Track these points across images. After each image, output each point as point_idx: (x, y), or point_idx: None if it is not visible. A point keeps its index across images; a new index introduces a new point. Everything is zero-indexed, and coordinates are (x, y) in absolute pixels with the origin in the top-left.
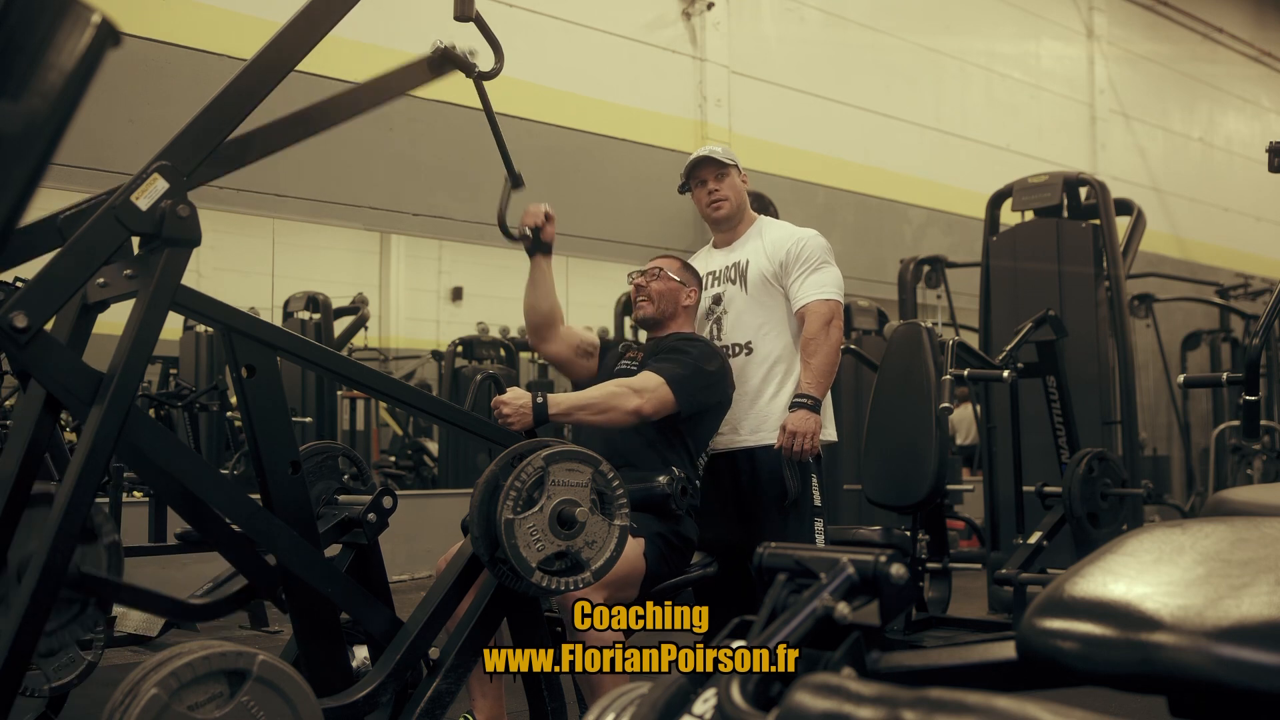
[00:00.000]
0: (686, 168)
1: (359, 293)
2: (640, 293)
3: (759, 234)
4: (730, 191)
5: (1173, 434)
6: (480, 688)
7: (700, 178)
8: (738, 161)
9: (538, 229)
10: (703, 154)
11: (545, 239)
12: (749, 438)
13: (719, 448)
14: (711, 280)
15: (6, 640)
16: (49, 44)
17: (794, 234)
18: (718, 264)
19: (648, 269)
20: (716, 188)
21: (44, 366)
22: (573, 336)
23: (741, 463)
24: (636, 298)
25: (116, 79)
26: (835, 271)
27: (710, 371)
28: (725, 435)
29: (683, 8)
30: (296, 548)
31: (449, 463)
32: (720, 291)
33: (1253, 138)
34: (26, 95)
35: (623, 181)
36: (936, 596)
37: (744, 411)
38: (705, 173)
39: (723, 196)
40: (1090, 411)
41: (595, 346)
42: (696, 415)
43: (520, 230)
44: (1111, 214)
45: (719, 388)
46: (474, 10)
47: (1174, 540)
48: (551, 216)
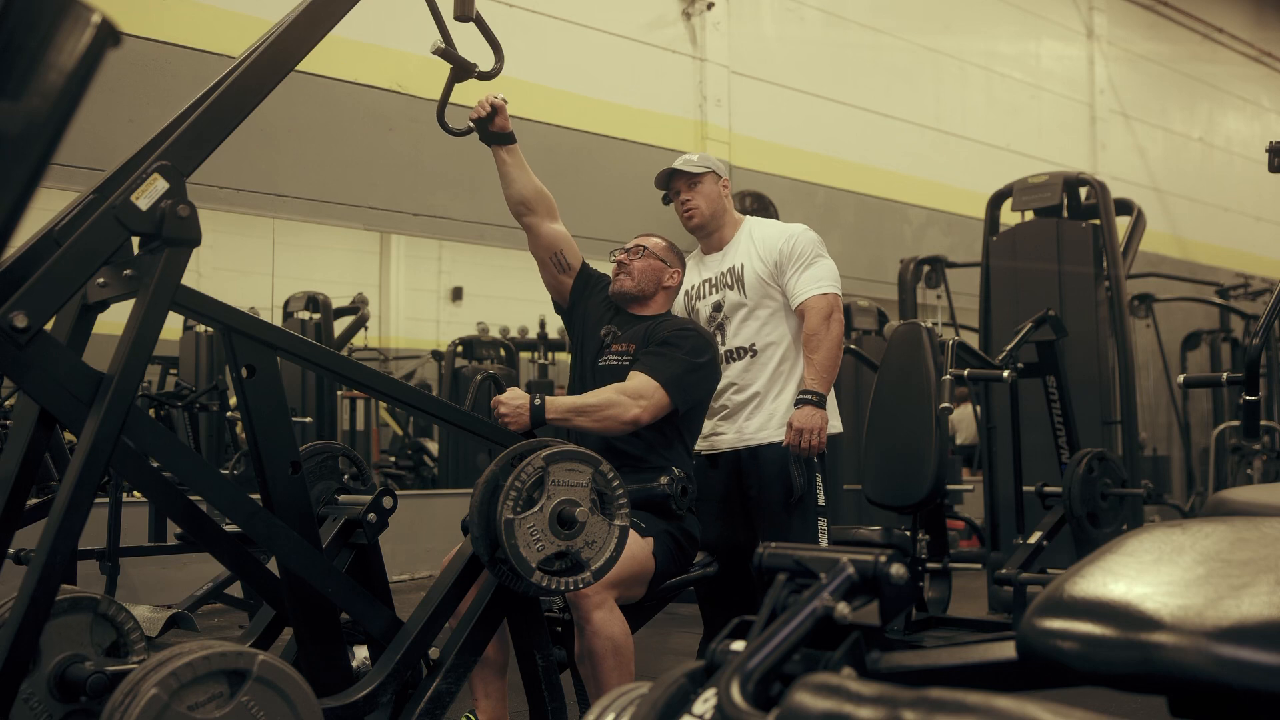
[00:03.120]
0: (658, 183)
1: (359, 293)
2: (622, 269)
3: (748, 236)
4: (702, 200)
5: (1173, 434)
6: (483, 688)
7: (674, 189)
8: (715, 167)
9: (484, 119)
10: (669, 168)
11: (496, 129)
12: (755, 436)
13: (724, 447)
14: (709, 288)
15: (6, 641)
16: (49, 44)
17: (783, 232)
18: (712, 271)
19: (630, 246)
20: (688, 198)
21: (43, 367)
22: (556, 240)
23: (746, 461)
24: (617, 273)
25: (116, 79)
26: (829, 264)
27: (702, 364)
28: (728, 435)
29: (683, 8)
30: (296, 548)
31: (449, 463)
32: (719, 299)
33: (1253, 138)
34: (26, 95)
35: (623, 181)
36: (936, 596)
37: (751, 411)
38: (677, 184)
39: (694, 206)
40: (1090, 411)
41: (574, 266)
42: (693, 407)
43: (465, 125)
44: (1111, 214)
45: (712, 378)
46: (474, 10)
47: (1174, 540)
48: (499, 106)
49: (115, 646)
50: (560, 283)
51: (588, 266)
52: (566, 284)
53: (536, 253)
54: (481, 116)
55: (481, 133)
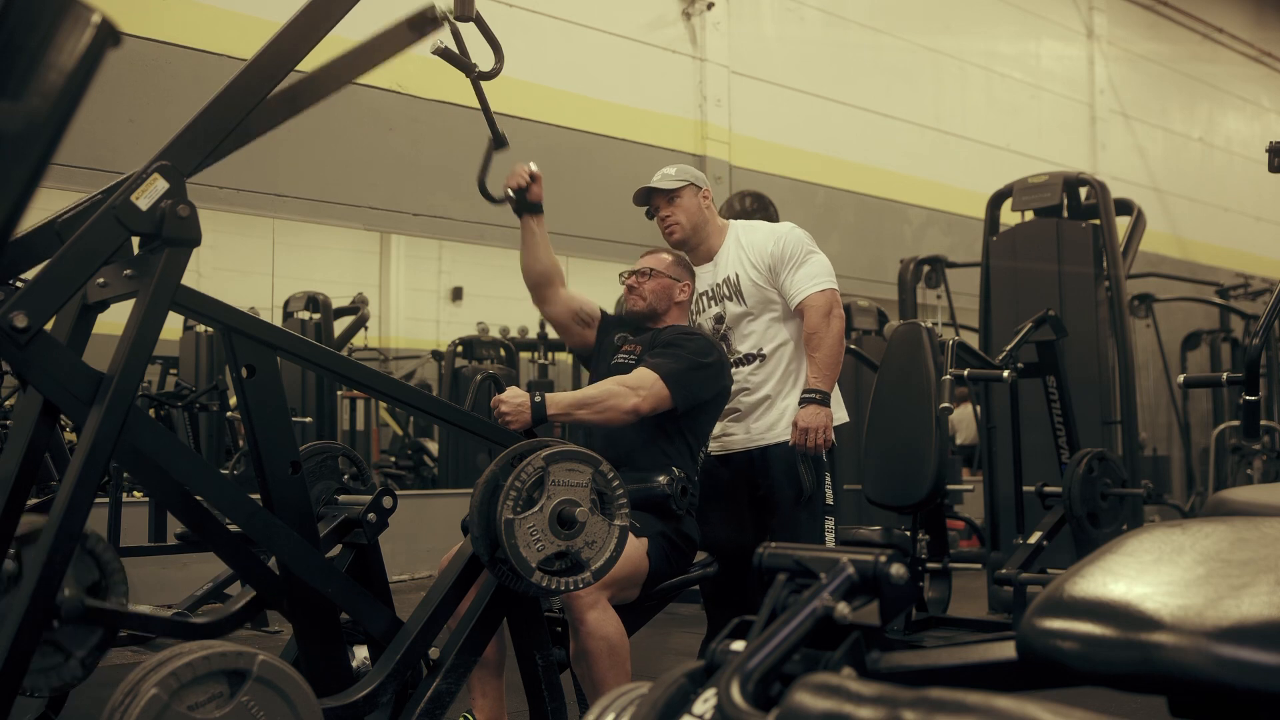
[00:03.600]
0: (636, 200)
1: (359, 293)
2: (633, 292)
3: (736, 243)
4: (682, 215)
5: (1173, 434)
6: (481, 687)
7: (654, 206)
8: (693, 179)
9: (522, 190)
10: (645, 186)
11: (532, 199)
12: (764, 436)
13: (735, 448)
14: (707, 301)
15: (6, 641)
16: (49, 44)
17: (771, 233)
18: (706, 284)
19: (639, 269)
20: (668, 213)
21: (43, 368)
22: (572, 301)
23: (756, 461)
24: (629, 296)
25: (116, 79)
26: (821, 258)
27: (706, 364)
28: (739, 435)
29: (683, 8)
30: (296, 548)
31: (449, 463)
32: (719, 310)
33: (1253, 138)
34: (26, 95)
35: (623, 181)
36: (936, 596)
37: (762, 413)
38: (656, 200)
39: (674, 221)
40: (1090, 411)
41: (595, 317)
42: (694, 409)
43: (503, 193)
44: (1111, 214)
45: (716, 380)
46: (474, 10)
47: (1174, 540)
48: (538, 176)
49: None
50: (585, 337)
51: (604, 311)
52: (591, 335)
53: (557, 318)
54: (521, 186)
55: (519, 201)
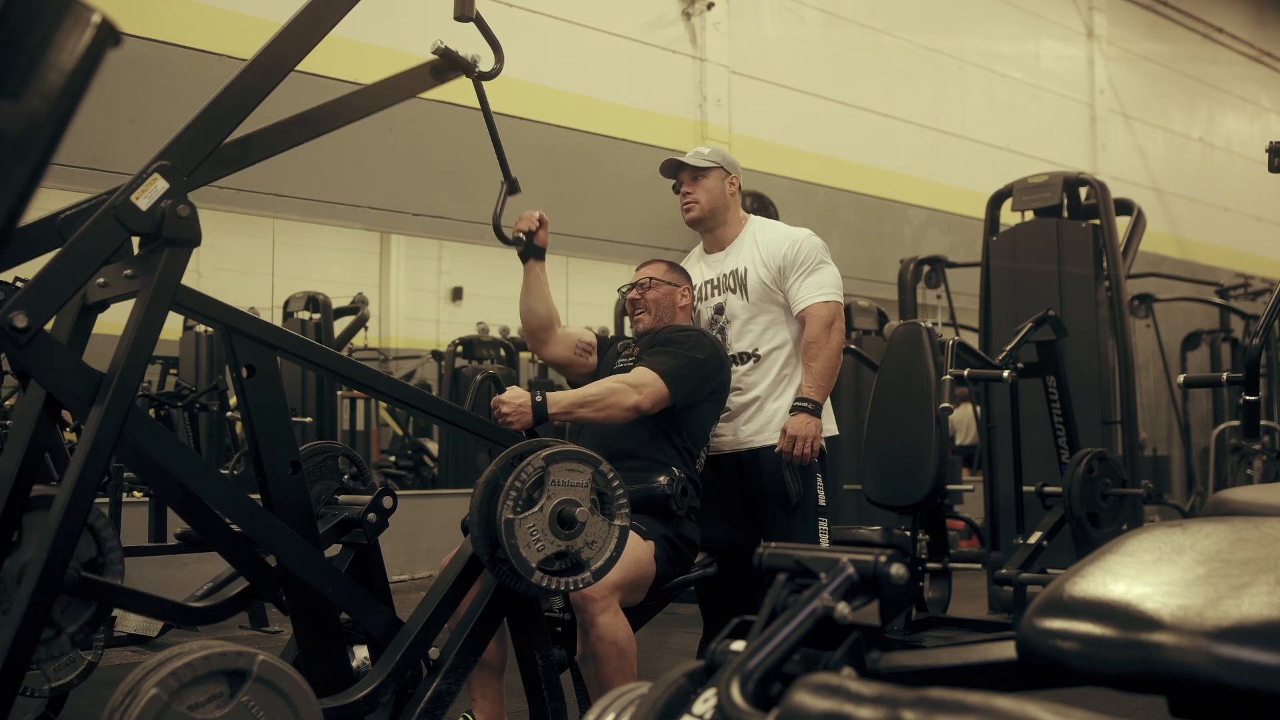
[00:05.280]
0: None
1: (359, 293)
2: (636, 307)
3: (752, 239)
4: (703, 194)
5: (1173, 434)
6: (480, 688)
7: (679, 180)
8: (724, 164)
9: (531, 234)
10: (674, 158)
11: (539, 244)
12: (753, 438)
13: (724, 449)
14: (710, 289)
15: (6, 642)
16: (49, 44)
17: (788, 236)
18: (715, 271)
19: (638, 281)
20: (689, 190)
21: (44, 366)
22: (570, 337)
23: (746, 463)
24: (634, 312)
25: (116, 79)
26: (833, 270)
27: (702, 360)
28: (729, 437)
29: (683, 8)
30: (296, 548)
31: (449, 463)
32: (721, 301)
33: (1253, 138)
34: (26, 95)
35: (623, 181)
36: (936, 596)
37: (751, 415)
38: (681, 175)
39: (694, 199)
40: (1090, 411)
41: (593, 345)
42: (692, 406)
43: (514, 235)
44: (1111, 214)
45: (713, 377)
46: (474, 10)
47: (1174, 540)
48: (545, 222)
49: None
50: (589, 364)
51: (600, 336)
52: (594, 361)
53: (559, 357)
54: (532, 229)
55: (527, 245)
